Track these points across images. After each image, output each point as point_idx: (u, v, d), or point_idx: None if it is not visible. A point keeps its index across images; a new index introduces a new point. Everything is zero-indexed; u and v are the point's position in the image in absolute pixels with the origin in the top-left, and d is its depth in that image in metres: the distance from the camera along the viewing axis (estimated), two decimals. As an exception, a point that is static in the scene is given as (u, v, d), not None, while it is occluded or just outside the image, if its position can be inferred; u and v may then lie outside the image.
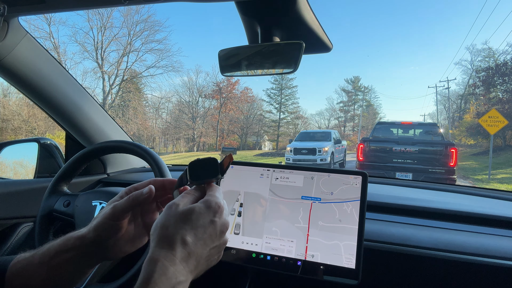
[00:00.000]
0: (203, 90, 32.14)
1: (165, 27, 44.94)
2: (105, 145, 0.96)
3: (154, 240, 0.43)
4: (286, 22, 0.74)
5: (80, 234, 0.50)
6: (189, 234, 0.43)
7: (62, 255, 0.49)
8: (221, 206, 0.47)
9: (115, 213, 0.50)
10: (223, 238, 0.47)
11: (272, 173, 0.87)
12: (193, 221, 0.44)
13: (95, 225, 0.50)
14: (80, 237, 0.50)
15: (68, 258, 0.49)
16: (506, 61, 21.58)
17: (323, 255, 0.77)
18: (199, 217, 0.44)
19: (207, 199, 0.47)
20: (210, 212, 0.46)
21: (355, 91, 41.50)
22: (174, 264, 0.40)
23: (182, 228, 0.43)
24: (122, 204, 0.51)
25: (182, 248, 0.42)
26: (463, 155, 19.18)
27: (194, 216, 0.44)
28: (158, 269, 0.39)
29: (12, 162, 1.41)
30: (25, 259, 0.51)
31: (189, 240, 0.43)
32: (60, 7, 0.79)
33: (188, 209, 0.45)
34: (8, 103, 19.42)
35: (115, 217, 0.50)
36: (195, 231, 0.43)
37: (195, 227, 0.44)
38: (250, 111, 34.47)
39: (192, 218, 0.44)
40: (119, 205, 0.51)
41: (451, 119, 30.80)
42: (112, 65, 25.75)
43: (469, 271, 0.79)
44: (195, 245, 0.43)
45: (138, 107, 27.01)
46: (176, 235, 0.42)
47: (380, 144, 7.22)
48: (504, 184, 9.90)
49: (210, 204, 0.46)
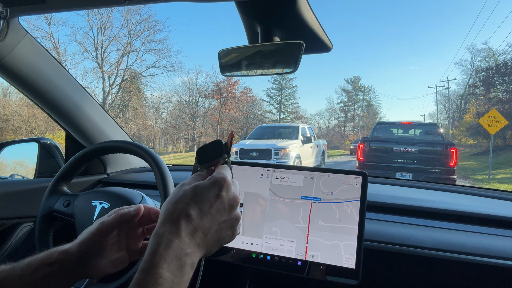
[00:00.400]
0: (203, 90, 32.15)
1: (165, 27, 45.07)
2: (105, 145, 0.96)
3: (161, 217, 0.43)
4: (286, 22, 0.74)
5: (64, 249, 0.50)
6: (193, 209, 0.43)
7: (45, 268, 0.49)
8: (228, 181, 0.47)
9: (101, 229, 0.51)
10: (234, 212, 0.47)
11: (272, 173, 0.87)
12: (197, 196, 0.44)
13: (81, 241, 0.51)
14: (64, 251, 0.50)
15: (50, 272, 0.49)
16: (506, 61, 21.57)
17: (323, 255, 0.77)
18: (203, 192, 0.45)
19: (213, 176, 0.47)
20: (216, 187, 0.46)
21: (355, 91, 41.52)
22: (179, 237, 0.41)
23: (186, 203, 0.43)
24: (110, 220, 0.52)
25: (186, 222, 0.42)
26: (463, 155, 19.18)
27: (198, 191, 0.45)
28: (163, 242, 0.40)
29: (12, 162, 1.41)
30: (5, 270, 0.49)
31: (193, 214, 0.43)
32: (60, 7, 0.79)
33: (193, 186, 0.45)
34: (8, 103, 19.42)
35: (101, 233, 0.51)
36: (199, 205, 0.44)
37: (200, 201, 0.44)
38: (250, 111, 34.46)
39: (197, 193, 0.45)
40: (107, 221, 0.52)
41: (451, 119, 30.80)
42: (112, 65, 25.77)
43: (469, 271, 0.79)
44: (200, 219, 0.43)
45: (138, 107, 27.00)
46: (180, 211, 0.43)
47: (380, 144, 7.21)
48: (504, 184, 9.90)
49: (216, 179, 0.46)
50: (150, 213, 0.56)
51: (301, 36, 0.76)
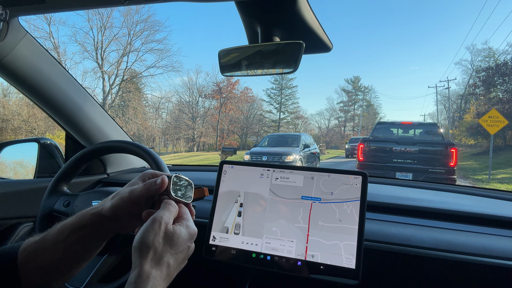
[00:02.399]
0: (203, 90, 32.17)
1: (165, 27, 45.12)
2: (105, 145, 0.96)
3: (145, 256, 0.47)
4: (286, 22, 0.74)
5: (96, 211, 0.53)
6: (172, 258, 0.49)
7: (77, 232, 0.52)
8: (196, 233, 0.53)
9: (131, 198, 0.53)
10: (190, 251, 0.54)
11: (272, 173, 0.87)
12: (177, 246, 0.49)
13: (113, 204, 0.53)
14: (95, 213, 0.53)
15: (84, 234, 0.52)
16: (506, 61, 21.58)
17: (323, 255, 0.77)
18: (181, 243, 0.50)
19: (189, 226, 0.52)
20: (189, 238, 0.52)
21: (355, 91, 41.53)
22: (160, 283, 0.46)
23: (168, 251, 0.48)
24: (138, 191, 0.53)
25: (166, 269, 0.47)
26: (463, 155, 19.18)
27: (178, 241, 0.50)
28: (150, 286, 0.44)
29: (12, 162, 1.41)
30: (35, 242, 0.53)
31: (172, 264, 0.48)
32: (60, 7, 0.79)
33: (174, 233, 0.50)
34: (8, 103, 19.41)
35: (131, 201, 0.53)
36: (176, 256, 0.49)
37: (177, 252, 0.49)
38: (250, 111, 34.48)
39: (177, 243, 0.49)
40: (136, 192, 0.53)
41: (451, 119, 30.80)
42: (112, 65, 25.78)
43: (469, 271, 0.79)
44: (174, 268, 0.49)
45: (138, 107, 27.01)
46: (163, 257, 0.48)
47: (380, 144, 7.21)
48: (504, 184, 9.90)
49: (191, 231, 0.52)
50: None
51: (301, 36, 0.76)
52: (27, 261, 0.51)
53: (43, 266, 0.51)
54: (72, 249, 0.52)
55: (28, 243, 0.53)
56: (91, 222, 0.52)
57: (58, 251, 0.51)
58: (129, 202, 0.53)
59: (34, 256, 0.52)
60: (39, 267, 0.51)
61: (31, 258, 0.52)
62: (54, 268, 0.52)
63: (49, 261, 0.51)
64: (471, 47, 29.75)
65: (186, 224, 0.52)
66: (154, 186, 0.53)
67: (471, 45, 33.17)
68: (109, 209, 0.52)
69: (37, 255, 0.52)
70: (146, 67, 27.83)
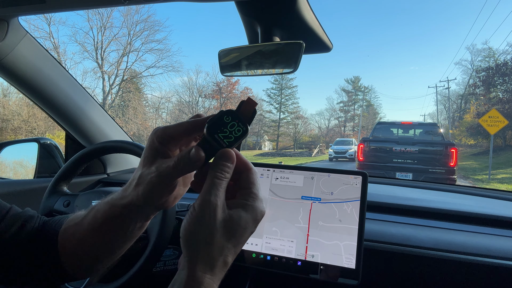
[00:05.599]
0: (203, 90, 32.17)
1: (165, 27, 45.11)
2: (105, 145, 0.96)
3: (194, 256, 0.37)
4: (286, 22, 0.74)
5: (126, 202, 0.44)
6: (231, 254, 0.38)
7: (110, 221, 0.46)
8: (263, 213, 0.40)
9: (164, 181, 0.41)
10: None
11: (272, 173, 0.87)
12: (237, 238, 0.38)
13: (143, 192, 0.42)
14: (126, 205, 0.44)
15: (118, 223, 0.45)
16: (506, 61, 21.59)
17: (323, 255, 0.77)
18: (244, 233, 0.38)
19: (254, 207, 0.39)
20: (255, 224, 0.39)
21: (355, 91, 41.52)
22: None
23: (225, 247, 0.37)
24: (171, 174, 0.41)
25: (222, 269, 0.38)
26: (463, 155, 19.18)
27: (238, 233, 0.38)
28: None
29: (12, 162, 1.41)
30: (75, 224, 0.48)
31: (230, 261, 0.38)
32: (60, 7, 0.79)
33: (232, 221, 0.38)
34: (8, 103, 19.41)
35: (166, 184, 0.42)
36: (235, 250, 0.38)
37: (237, 245, 0.38)
38: (250, 111, 34.38)
39: (236, 236, 0.38)
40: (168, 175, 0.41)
41: (451, 119, 30.80)
42: (112, 65, 25.77)
43: (469, 271, 0.79)
44: (231, 262, 0.39)
45: (138, 107, 26.99)
46: (219, 257, 0.37)
47: (380, 144, 7.21)
48: (504, 184, 9.90)
49: (256, 215, 0.39)
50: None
51: (301, 36, 0.76)
52: (66, 242, 0.48)
53: (84, 250, 0.47)
54: (110, 236, 0.46)
55: (69, 223, 0.49)
56: (123, 213, 0.44)
57: (94, 237, 0.46)
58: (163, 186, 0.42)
59: (73, 238, 0.48)
60: (81, 250, 0.48)
61: (70, 241, 0.48)
62: (95, 253, 0.48)
63: (86, 246, 0.47)
64: (471, 47, 29.76)
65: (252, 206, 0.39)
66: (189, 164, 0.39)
67: (471, 45, 33.18)
68: (141, 198, 0.42)
69: (76, 238, 0.47)
70: (146, 67, 27.86)
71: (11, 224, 0.49)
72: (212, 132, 0.38)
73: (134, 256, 0.80)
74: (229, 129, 0.38)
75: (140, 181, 0.42)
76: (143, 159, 0.43)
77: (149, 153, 0.42)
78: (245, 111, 0.40)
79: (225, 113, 0.39)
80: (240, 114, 0.39)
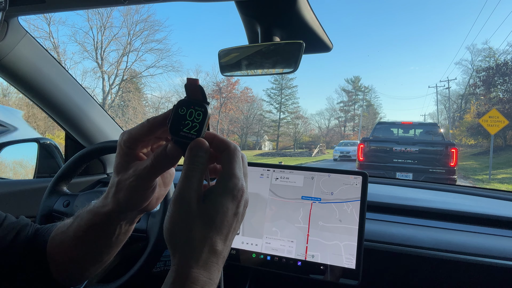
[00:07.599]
0: (203, 90, 32.12)
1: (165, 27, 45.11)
2: (105, 145, 0.96)
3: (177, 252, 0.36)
4: (286, 22, 0.74)
5: (107, 210, 0.44)
6: (218, 241, 0.36)
7: (94, 230, 0.45)
8: (244, 189, 0.38)
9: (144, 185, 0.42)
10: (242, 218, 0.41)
11: (272, 173, 0.87)
12: (219, 224, 0.36)
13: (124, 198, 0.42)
14: (108, 213, 0.44)
15: (102, 231, 0.45)
16: (507, 61, 21.59)
17: (323, 255, 0.77)
18: (225, 217, 0.36)
19: (230, 187, 0.37)
20: (235, 203, 0.37)
21: (355, 91, 41.52)
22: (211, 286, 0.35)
23: (207, 237, 0.36)
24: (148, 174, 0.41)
25: (211, 258, 0.36)
26: (464, 155, 19.18)
27: (219, 218, 0.36)
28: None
29: (11, 162, 1.41)
30: (62, 233, 0.48)
31: (219, 248, 0.36)
32: (60, 7, 0.79)
33: (209, 208, 0.36)
34: (8, 103, 19.42)
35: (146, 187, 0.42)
36: (221, 236, 0.37)
37: (222, 228, 0.37)
38: (250, 111, 34.49)
39: (217, 221, 0.36)
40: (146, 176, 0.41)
41: (451, 119, 30.80)
42: (112, 65, 25.79)
43: (469, 271, 0.79)
44: (225, 248, 0.37)
45: (138, 107, 27.00)
46: (203, 248, 0.35)
47: (381, 144, 7.21)
48: (505, 184, 9.90)
49: (234, 194, 0.37)
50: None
51: (301, 36, 0.76)
52: (55, 253, 0.48)
53: (71, 258, 0.48)
54: (95, 244, 0.46)
55: (57, 231, 0.49)
56: (106, 221, 0.44)
57: (80, 245, 0.46)
58: (144, 188, 0.42)
59: (61, 246, 0.48)
60: (68, 258, 0.48)
61: (58, 250, 0.48)
62: (82, 260, 0.48)
63: (75, 254, 0.47)
64: (472, 47, 29.78)
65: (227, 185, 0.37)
66: (167, 159, 0.39)
67: (471, 45, 33.23)
68: (123, 204, 0.43)
69: (64, 246, 0.48)
70: (146, 67, 27.87)
71: (6, 233, 0.49)
72: (175, 132, 0.37)
73: (134, 256, 0.81)
74: (189, 119, 0.37)
75: (119, 188, 0.42)
76: (117, 166, 0.43)
77: (121, 158, 0.42)
78: (193, 93, 0.38)
79: (178, 106, 0.38)
80: (190, 98, 0.38)
